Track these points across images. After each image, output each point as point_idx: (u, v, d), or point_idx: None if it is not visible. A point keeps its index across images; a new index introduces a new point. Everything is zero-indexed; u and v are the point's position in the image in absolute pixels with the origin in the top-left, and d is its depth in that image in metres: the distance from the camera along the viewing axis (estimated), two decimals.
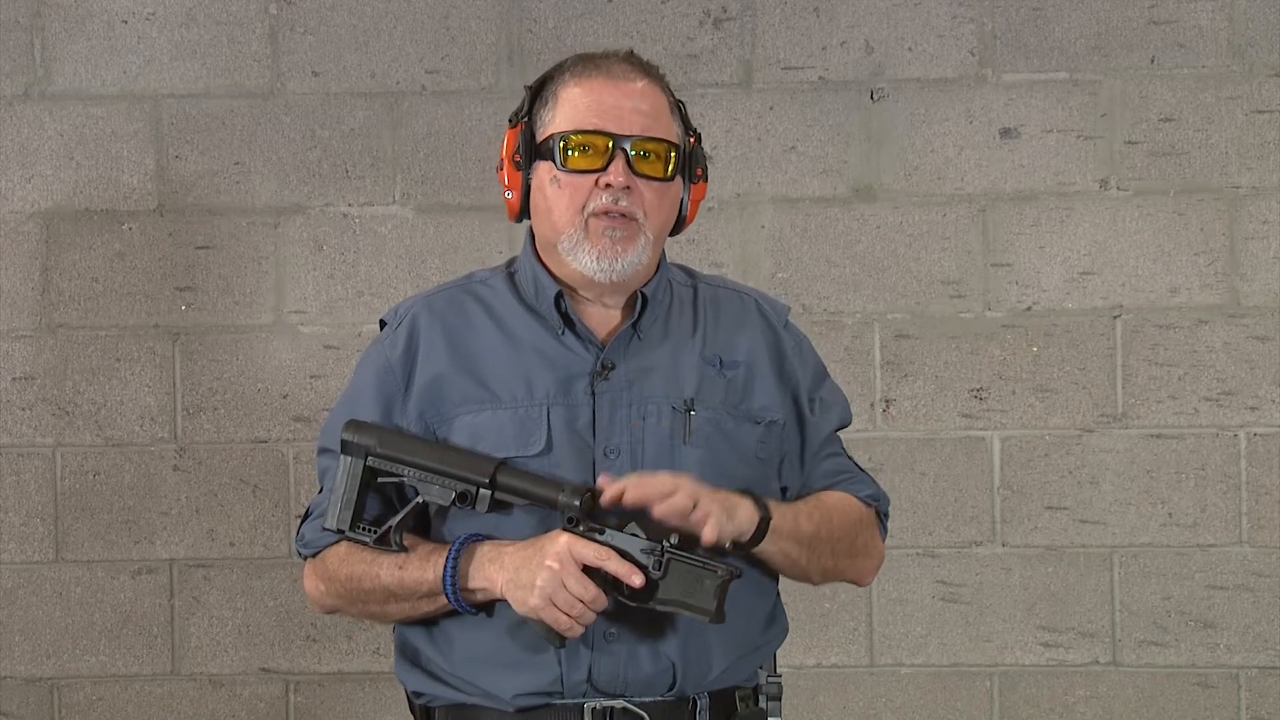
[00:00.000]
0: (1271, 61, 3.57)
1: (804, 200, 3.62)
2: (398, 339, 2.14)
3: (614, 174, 2.05)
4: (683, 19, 3.62)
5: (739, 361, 2.14)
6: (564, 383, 2.08)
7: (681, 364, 2.11)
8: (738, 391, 2.12)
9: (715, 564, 1.97)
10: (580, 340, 2.11)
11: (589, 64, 2.10)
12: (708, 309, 2.18)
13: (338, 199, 3.65)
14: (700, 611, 1.97)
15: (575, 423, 2.07)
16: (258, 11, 3.65)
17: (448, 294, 2.18)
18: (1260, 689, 3.58)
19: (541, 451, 2.05)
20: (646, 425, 2.07)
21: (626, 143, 2.05)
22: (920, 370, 3.60)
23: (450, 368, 2.10)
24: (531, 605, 1.97)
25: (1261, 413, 3.57)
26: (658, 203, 2.08)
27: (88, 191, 3.65)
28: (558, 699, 2.04)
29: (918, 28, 3.60)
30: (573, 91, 2.09)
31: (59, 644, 3.66)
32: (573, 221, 2.07)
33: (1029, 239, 3.60)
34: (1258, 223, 3.57)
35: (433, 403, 2.10)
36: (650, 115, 2.07)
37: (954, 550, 3.61)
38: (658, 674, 2.04)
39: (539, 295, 2.12)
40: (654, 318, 2.13)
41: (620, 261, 2.06)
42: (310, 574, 2.18)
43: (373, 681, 3.63)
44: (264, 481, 3.64)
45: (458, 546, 2.03)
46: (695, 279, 2.22)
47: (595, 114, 2.06)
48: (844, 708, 3.62)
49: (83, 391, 3.65)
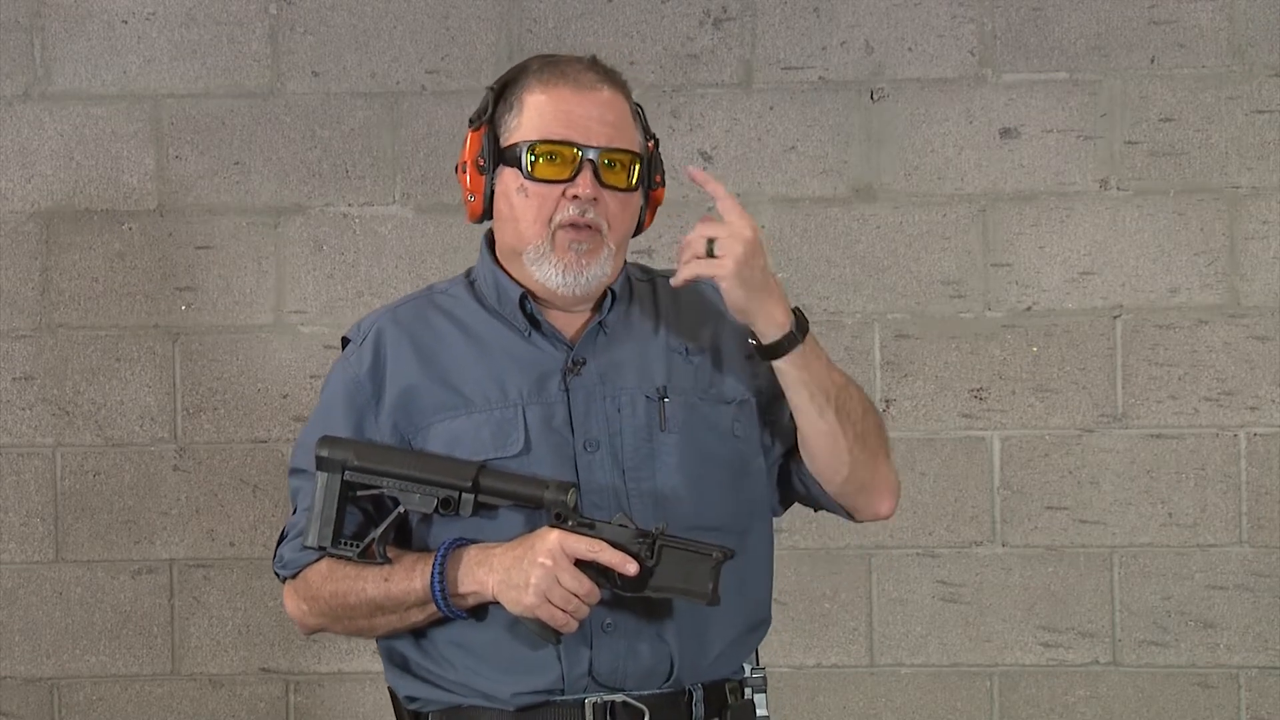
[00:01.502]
0: (1271, 61, 3.57)
1: (804, 200, 3.62)
2: (364, 354, 2.14)
3: (582, 186, 2.05)
4: (683, 19, 3.62)
5: (703, 348, 2.15)
6: (537, 382, 2.08)
7: (649, 355, 2.13)
8: (706, 375, 2.13)
9: (708, 547, 1.98)
10: (548, 339, 2.11)
11: (554, 70, 2.10)
12: (667, 301, 2.18)
13: (338, 199, 3.65)
14: (696, 595, 1.98)
15: (552, 420, 2.07)
16: (258, 11, 3.65)
17: (410, 306, 2.18)
18: (1260, 689, 3.59)
19: (521, 451, 2.05)
20: (623, 416, 2.08)
21: (594, 154, 2.06)
22: (920, 370, 3.61)
23: (421, 378, 2.10)
24: (527, 604, 1.97)
25: (1261, 413, 3.57)
26: (621, 213, 2.09)
27: (88, 191, 3.65)
28: (558, 696, 2.04)
29: (918, 28, 3.60)
30: (539, 99, 2.08)
31: (59, 644, 3.66)
32: (540, 233, 2.07)
33: (1029, 239, 3.60)
34: (1258, 223, 3.57)
35: (406, 414, 2.10)
36: (615, 126, 2.08)
37: (954, 550, 3.61)
38: (656, 663, 2.05)
39: (501, 299, 2.13)
40: (618, 314, 2.14)
41: (584, 275, 2.07)
42: (291, 595, 2.16)
43: (373, 681, 3.63)
44: (264, 481, 3.64)
45: (443, 553, 2.03)
46: (651, 274, 2.23)
47: (563, 124, 2.06)
48: (844, 708, 3.62)
49: (83, 391, 3.65)
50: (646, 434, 2.08)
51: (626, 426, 2.08)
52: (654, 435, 2.08)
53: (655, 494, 2.07)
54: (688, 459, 2.07)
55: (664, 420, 2.09)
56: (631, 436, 2.08)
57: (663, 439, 2.08)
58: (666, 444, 2.08)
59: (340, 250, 3.64)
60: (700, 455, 2.09)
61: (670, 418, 2.09)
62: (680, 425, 2.09)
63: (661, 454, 2.08)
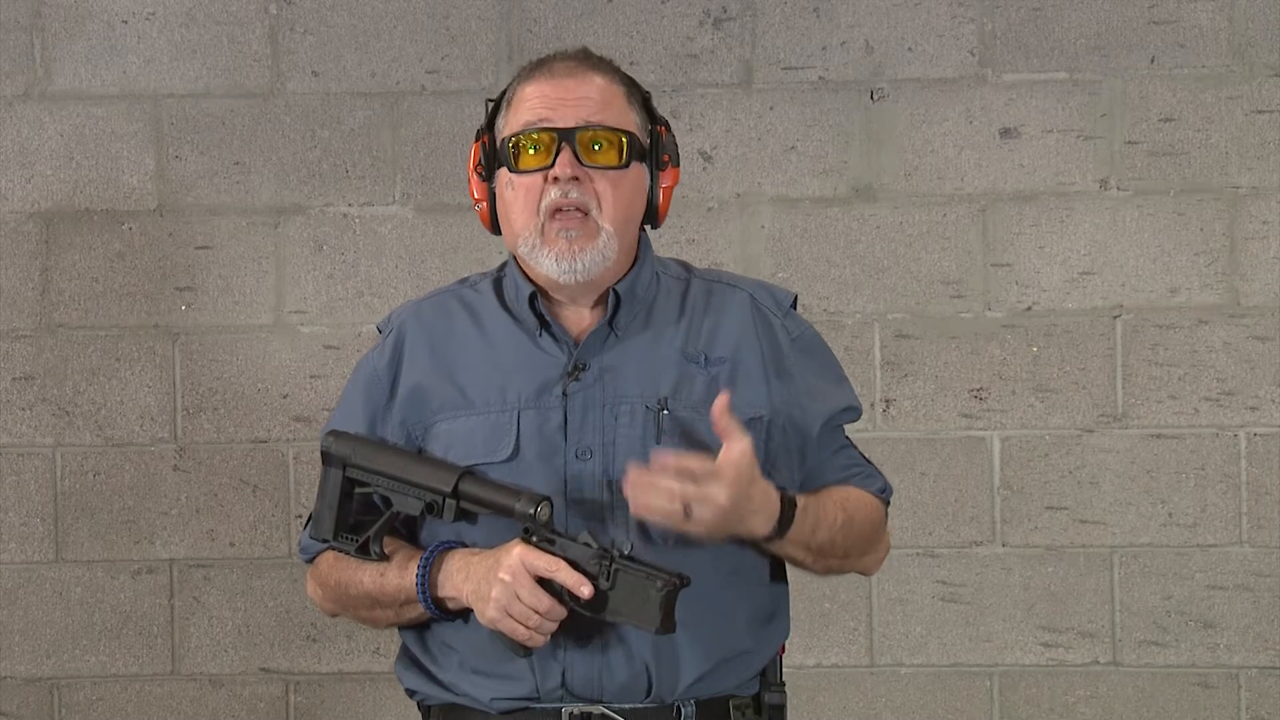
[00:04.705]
0: (1271, 61, 3.57)
1: (804, 200, 3.62)
2: (385, 348, 2.14)
3: (560, 166, 2.03)
4: (683, 19, 3.62)
5: (724, 357, 2.09)
6: (538, 386, 2.06)
7: (660, 361, 2.08)
8: (720, 388, 2.05)
9: (660, 574, 1.90)
10: (555, 341, 2.08)
11: (538, 66, 2.10)
12: (696, 303, 2.14)
13: (338, 199, 3.65)
14: (646, 623, 1.91)
15: (546, 426, 2.04)
16: (258, 11, 3.65)
17: (437, 300, 2.17)
18: (1260, 689, 3.58)
19: (508, 457, 2.03)
20: (619, 425, 2.04)
21: (572, 135, 2.03)
22: (920, 370, 3.60)
23: (431, 375, 2.10)
24: (489, 618, 1.96)
25: (1261, 413, 3.57)
26: (612, 192, 2.04)
27: (88, 191, 3.65)
28: (535, 704, 2.02)
29: (918, 28, 3.60)
30: (523, 92, 2.08)
31: (59, 644, 3.66)
32: (529, 224, 2.05)
33: (1029, 239, 3.60)
34: (1258, 223, 3.57)
35: (415, 410, 2.09)
36: (599, 104, 2.05)
37: (954, 550, 3.61)
38: (632, 678, 2.01)
39: (517, 297, 2.11)
40: (633, 314, 2.10)
41: (580, 261, 2.03)
42: (310, 579, 2.19)
43: (373, 681, 3.63)
44: (264, 481, 3.64)
45: (429, 555, 2.03)
46: (690, 273, 2.18)
47: (541, 111, 2.05)
48: (844, 708, 3.62)
49: (83, 391, 3.65)
50: (641, 446, 2.02)
51: (622, 436, 2.04)
52: (648, 448, 2.01)
53: None
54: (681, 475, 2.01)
55: (660, 433, 2.04)
56: (625, 447, 2.03)
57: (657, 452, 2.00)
58: None
59: (340, 250, 3.64)
60: None
61: (666, 431, 2.04)
62: (678, 440, 2.03)
63: None
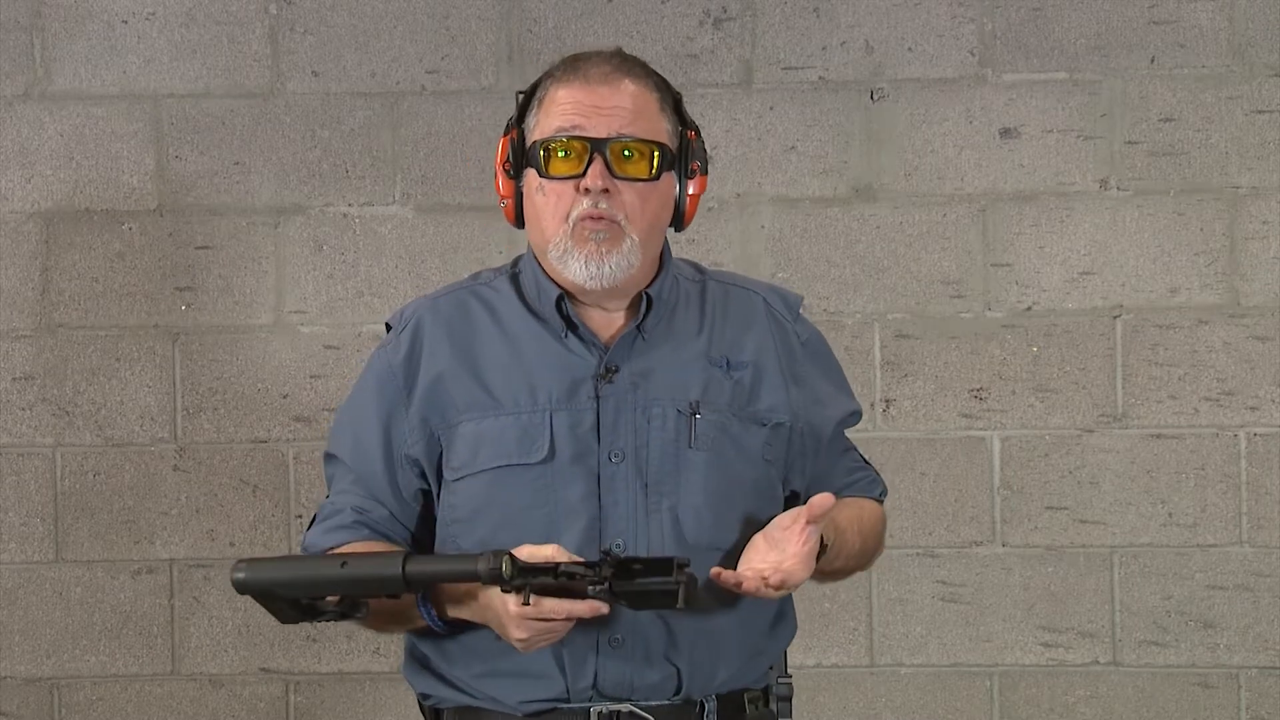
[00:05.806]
0: (1271, 61, 3.57)
1: (804, 200, 3.62)
2: (401, 343, 2.12)
3: (591, 178, 2.02)
4: (683, 19, 3.62)
5: (746, 362, 2.11)
6: (568, 387, 2.06)
7: (686, 365, 2.09)
8: (744, 393, 2.10)
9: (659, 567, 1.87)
10: (584, 343, 2.08)
11: (572, 66, 2.08)
12: (715, 307, 2.15)
13: (338, 199, 3.65)
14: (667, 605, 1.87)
15: (579, 428, 2.04)
16: (258, 11, 3.65)
17: (453, 296, 2.16)
18: (1260, 689, 3.58)
19: (544, 459, 2.03)
20: (651, 428, 2.04)
21: (605, 145, 2.02)
22: (920, 370, 3.61)
23: (454, 373, 2.08)
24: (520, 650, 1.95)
25: (1261, 413, 3.57)
26: (640, 205, 2.04)
27: (88, 191, 3.65)
28: (563, 705, 2.03)
29: (918, 28, 3.60)
30: (555, 95, 2.06)
31: (59, 644, 3.66)
32: (559, 229, 2.04)
33: (1029, 239, 3.60)
34: (1258, 223, 3.57)
35: (437, 408, 2.08)
36: (632, 114, 2.04)
37: (954, 550, 3.61)
38: (663, 679, 2.03)
39: (541, 298, 2.10)
40: (659, 318, 2.11)
41: (606, 264, 2.03)
42: None
43: (373, 681, 3.63)
44: (264, 481, 3.64)
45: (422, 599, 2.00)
46: (704, 275, 2.19)
47: (574, 117, 2.04)
48: (844, 708, 3.62)
49: (83, 391, 3.65)
50: (674, 449, 2.04)
51: (654, 439, 2.04)
52: (681, 451, 2.04)
53: (674, 512, 2.04)
54: (713, 479, 2.04)
55: (693, 437, 2.05)
56: (658, 450, 2.04)
57: (690, 456, 2.04)
58: (693, 461, 2.05)
59: (340, 250, 3.64)
60: (726, 476, 2.05)
61: (700, 435, 2.05)
62: (709, 444, 2.05)
63: (686, 471, 2.04)
